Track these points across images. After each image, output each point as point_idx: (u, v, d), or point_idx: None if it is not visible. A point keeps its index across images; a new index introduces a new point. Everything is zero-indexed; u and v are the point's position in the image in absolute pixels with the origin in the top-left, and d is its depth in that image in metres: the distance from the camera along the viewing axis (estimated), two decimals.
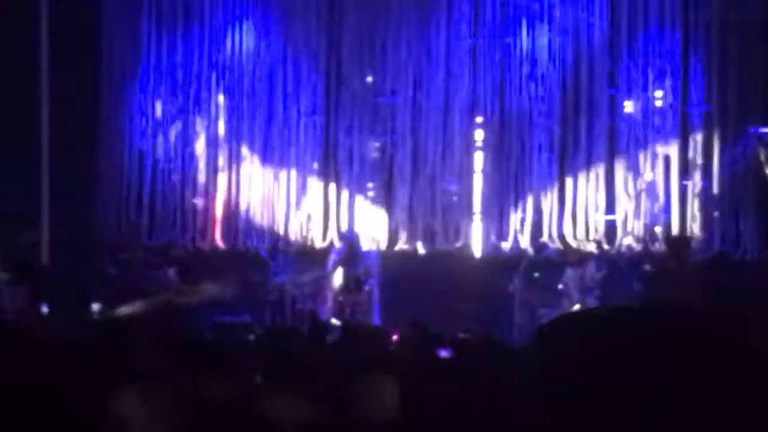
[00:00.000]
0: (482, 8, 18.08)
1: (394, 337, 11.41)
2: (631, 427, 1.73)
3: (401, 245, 18.27)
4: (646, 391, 1.73)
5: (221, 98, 18.64)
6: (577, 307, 16.83)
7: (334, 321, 16.16)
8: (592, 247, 17.72)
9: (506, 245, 18.09)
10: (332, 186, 18.49)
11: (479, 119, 18.29)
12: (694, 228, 17.54)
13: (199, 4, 18.50)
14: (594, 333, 1.82)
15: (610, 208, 17.87)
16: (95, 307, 16.44)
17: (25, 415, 4.36)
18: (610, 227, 17.83)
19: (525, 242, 18.01)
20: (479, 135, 18.33)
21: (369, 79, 18.52)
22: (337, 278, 17.71)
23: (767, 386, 1.76)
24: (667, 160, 17.77)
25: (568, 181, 17.96)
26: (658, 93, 17.81)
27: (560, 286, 17.24)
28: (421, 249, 18.24)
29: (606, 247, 17.72)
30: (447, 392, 6.37)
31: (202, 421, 4.98)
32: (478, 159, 18.34)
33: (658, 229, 17.62)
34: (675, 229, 17.49)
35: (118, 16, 18.50)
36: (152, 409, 4.46)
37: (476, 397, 5.92)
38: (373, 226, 18.33)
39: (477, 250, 18.17)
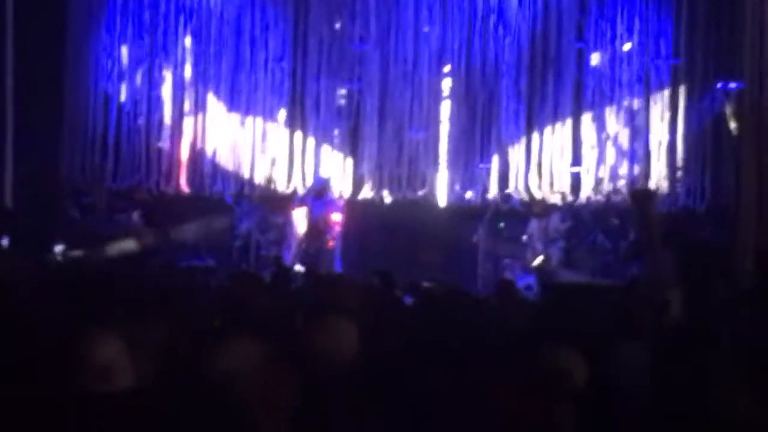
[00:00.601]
0: None
1: (358, 284, 11.41)
2: None
3: (367, 193, 18.26)
4: None
5: (188, 42, 18.51)
6: (540, 258, 16.91)
7: (298, 267, 16.16)
8: (557, 199, 17.76)
9: (471, 195, 18.12)
10: (298, 132, 18.44)
11: (447, 68, 18.25)
12: (660, 182, 17.59)
13: None
14: None
15: (576, 160, 17.90)
16: (58, 249, 16.38)
17: None
18: (576, 179, 17.87)
19: (490, 192, 18.04)
20: (447, 84, 18.30)
21: (337, 25, 18.42)
22: (302, 225, 17.70)
23: None
24: (633, 113, 17.80)
25: (535, 133, 17.98)
26: (626, 46, 17.80)
27: (524, 237, 17.31)
28: (386, 197, 18.24)
29: (570, 198, 17.76)
30: (409, 339, 6.39)
31: (163, 366, 4.98)
32: (446, 108, 18.32)
33: (622, 182, 17.67)
34: (640, 183, 17.54)
35: None
36: (134, 354, 4.43)
37: (439, 345, 5.94)
38: (338, 174, 18.31)
39: (442, 199, 18.19)
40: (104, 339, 4.37)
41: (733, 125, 16.48)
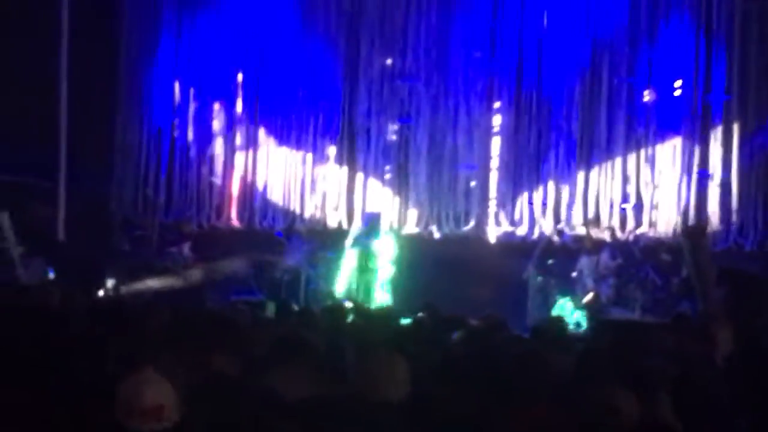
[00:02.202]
0: None
1: (407, 320, 11.40)
2: None
3: (416, 228, 18.25)
4: None
5: (240, 78, 18.64)
6: (590, 294, 16.81)
7: (348, 302, 16.15)
8: (607, 235, 17.65)
9: (521, 231, 18.05)
10: (348, 168, 18.48)
11: (497, 104, 18.23)
12: (713, 218, 17.46)
13: None
14: None
15: (626, 196, 17.80)
16: (110, 282, 16.50)
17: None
18: (627, 216, 17.76)
19: (541, 229, 17.96)
20: (497, 120, 18.28)
21: (388, 62, 18.48)
22: (351, 260, 17.69)
23: None
24: (684, 150, 17.69)
25: (585, 169, 17.89)
26: (677, 83, 17.71)
27: (574, 274, 17.21)
28: (436, 233, 18.22)
29: (621, 235, 17.65)
30: (459, 375, 6.38)
31: (214, 396, 5.01)
32: (496, 144, 18.29)
33: (674, 219, 17.55)
34: (692, 219, 17.42)
35: None
36: (181, 392, 4.49)
37: (485, 381, 5.92)
38: (388, 209, 18.31)
39: (492, 235, 18.14)
40: (153, 381, 4.43)
41: None
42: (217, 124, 18.73)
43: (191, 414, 4.60)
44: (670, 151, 17.74)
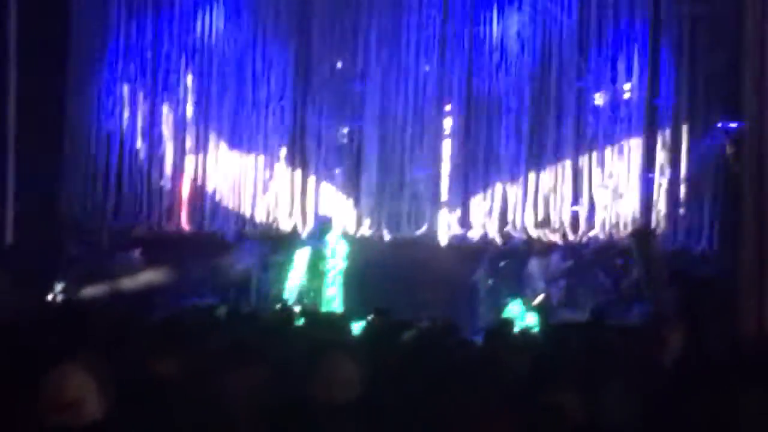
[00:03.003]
0: None
1: (358, 323, 11.40)
2: None
3: (367, 231, 18.24)
4: None
5: (189, 80, 18.55)
6: (540, 297, 16.88)
7: (298, 305, 16.13)
8: (557, 238, 17.74)
9: (472, 234, 18.08)
10: (300, 171, 18.44)
11: (448, 107, 18.27)
12: (660, 221, 17.58)
13: None
14: None
15: (577, 199, 17.89)
16: (58, 287, 16.37)
17: None
18: (576, 218, 17.85)
19: (491, 231, 18.00)
20: (448, 123, 18.31)
21: (339, 64, 18.47)
22: (303, 263, 17.66)
23: None
24: (634, 152, 17.80)
25: (536, 171, 17.97)
26: (626, 86, 17.83)
27: (525, 275, 17.27)
28: (386, 236, 18.22)
29: (571, 237, 17.73)
30: (410, 378, 6.38)
31: (158, 399, 4.98)
32: (446, 147, 18.32)
33: (623, 221, 17.65)
34: (640, 222, 17.52)
35: None
36: (104, 388, 4.44)
37: (433, 383, 5.92)
38: (339, 212, 18.29)
39: (443, 238, 18.16)
40: (73, 374, 4.39)
41: (733, 164, 16.49)
42: (166, 127, 18.61)
43: (122, 414, 4.56)
44: (620, 153, 17.84)
